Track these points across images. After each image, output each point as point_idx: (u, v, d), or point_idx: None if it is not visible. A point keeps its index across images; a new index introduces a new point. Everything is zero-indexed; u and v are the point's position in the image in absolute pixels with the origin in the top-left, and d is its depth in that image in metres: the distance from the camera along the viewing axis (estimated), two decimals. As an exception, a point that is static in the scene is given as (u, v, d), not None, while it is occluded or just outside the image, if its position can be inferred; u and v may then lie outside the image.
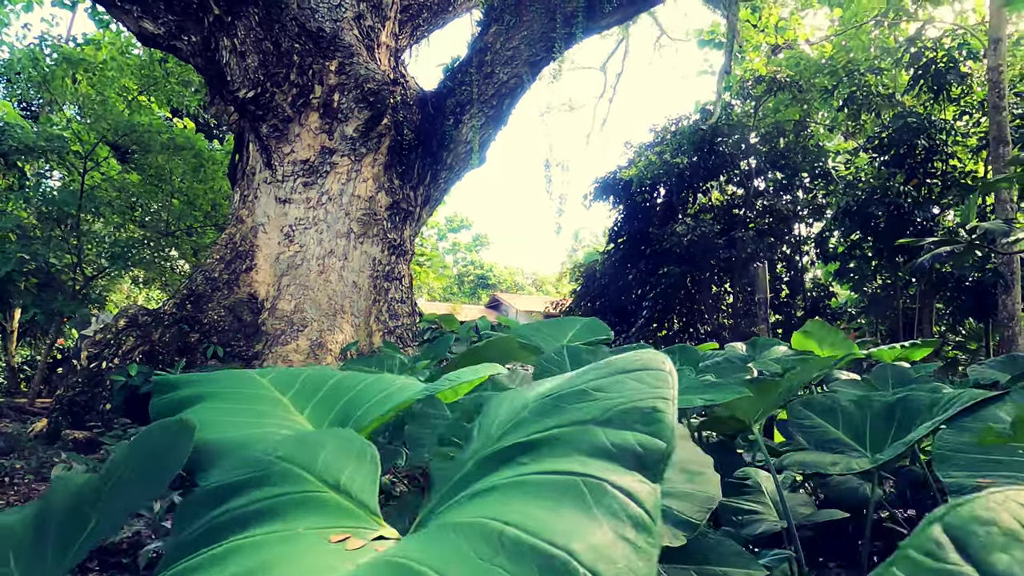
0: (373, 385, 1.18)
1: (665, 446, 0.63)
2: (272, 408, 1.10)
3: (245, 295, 8.36)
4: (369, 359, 3.58)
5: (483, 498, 0.66)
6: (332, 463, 0.82)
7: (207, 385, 1.21)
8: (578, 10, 8.35)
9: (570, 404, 0.75)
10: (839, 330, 5.19)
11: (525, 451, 0.72)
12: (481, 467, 0.75)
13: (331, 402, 1.14)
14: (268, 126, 8.10)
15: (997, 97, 11.40)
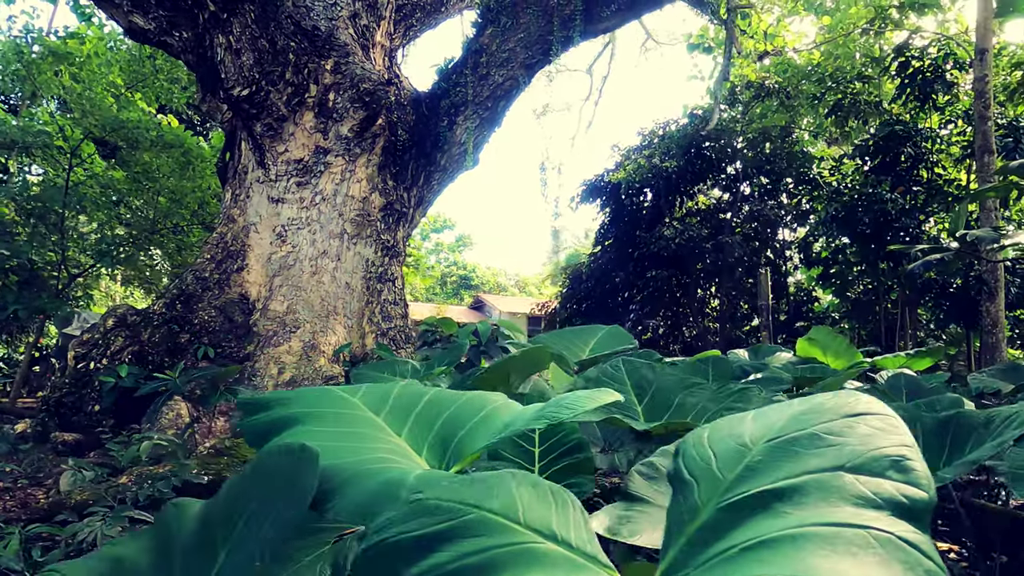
0: (469, 404, 1.14)
1: (928, 497, 0.61)
2: (371, 431, 1.05)
3: (236, 295, 8.26)
4: (380, 364, 3.53)
5: (758, 553, 0.63)
6: (534, 509, 0.78)
7: (297, 405, 1.16)
8: (576, 13, 8.34)
9: (806, 449, 0.73)
10: (843, 337, 5.23)
11: (779, 499, 0.69)
12: (727, 515, 0.72)
13: (428, 423, 1.09)
14: (262, 125, 8.01)
15: (983, 107, 11.57)
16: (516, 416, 1.06)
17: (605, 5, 8.21)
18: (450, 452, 1.03)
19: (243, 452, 4.81)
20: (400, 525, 0.75)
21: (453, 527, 0.74)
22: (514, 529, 0.75)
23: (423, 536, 0.73)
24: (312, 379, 7.58)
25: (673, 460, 0.88)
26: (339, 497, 0.85)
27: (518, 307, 35.82)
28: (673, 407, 1.60)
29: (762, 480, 0.73)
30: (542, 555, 0.73)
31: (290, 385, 7.52)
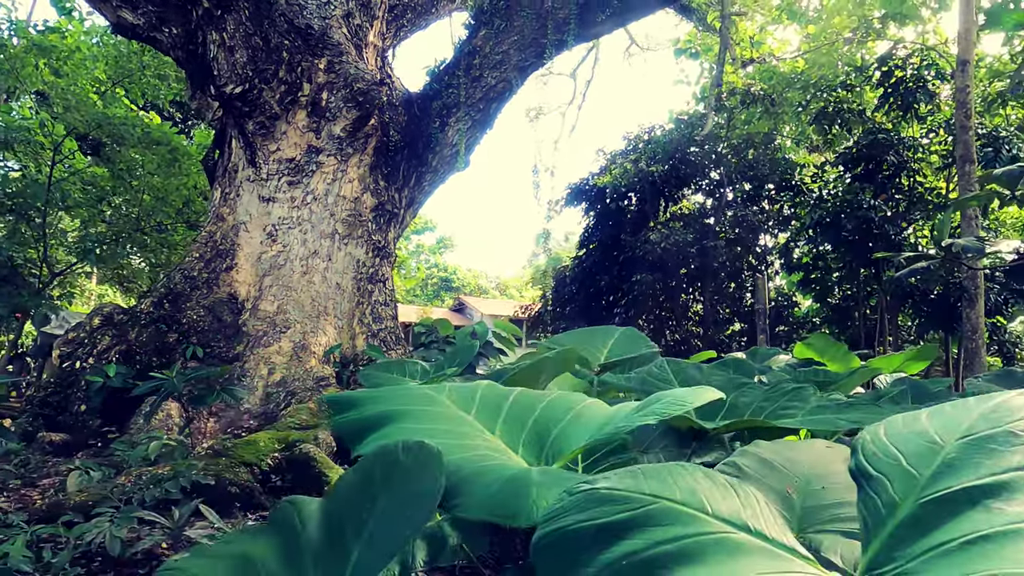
0: (557, 404, 1.13)
1: None
2: (466, 428, 1.04)
3: (225, 295, 8.17)
4: (389, 364, 3.51)
5: (981, 548, 0.64)
6: (719, 501, 0.78)
7: (388, 403, 1.14)
8: (570, 17, 8.37)
9: (1005, 447, 0.74)
10: (840, 343, 5.29)
11: (988, 495, 0.70)
12: (932, 511, 0.72)
13: (519, 421, 1.08)
14: (254, 123, 7.94)
15: (964, 117, 11.77)
16: (617, 414, 1.06)
17: (599, 10, 8.24)
18: (547, 449, 1.02)
19: (241, 453, 4.75)
20: (575, 515, 0.74)
21: (635, 516, 0.74)
22: (703, 519, 0.75)
23: (605, 525, 0.73)
24: (303, 380, 7.52)
25: (853, 456, 0.89)
26: (464, 495, 0.84)
27: (500, 310, 35.79)
28: (727, 406, 1.61)
29: (963, 476, 0.74)
30: (739, 545, 0.73)
31: (280, 386, 7.45)
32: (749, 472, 1.15)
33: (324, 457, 4.68)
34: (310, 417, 6.12)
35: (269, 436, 5.17)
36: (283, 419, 6.03)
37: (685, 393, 1.05)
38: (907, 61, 13.01)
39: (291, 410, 6.36)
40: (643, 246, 15.96)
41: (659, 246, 15.45)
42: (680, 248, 15.71)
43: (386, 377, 3.49)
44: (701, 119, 16.65)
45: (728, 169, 19.14)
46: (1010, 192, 7.49)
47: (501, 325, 6.29)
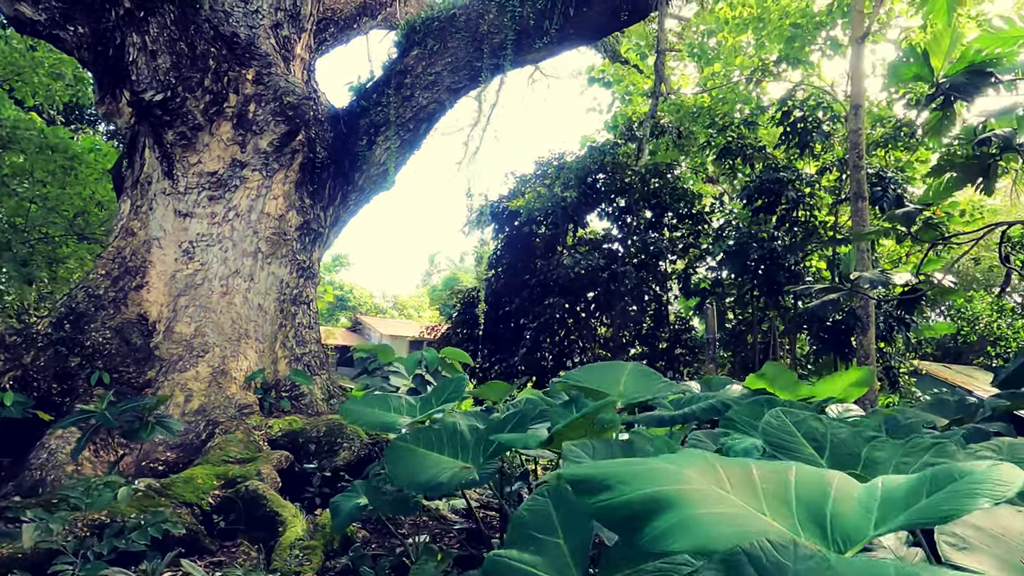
0: (810, 479, 1.04)
1: None
2: (741, 510, 0.94)
3: (134, 315, 7.58)
4: (372, 399, 3.32)
5: None
6: None
7: (645, 482, 1.01)
8: (506, 42, 8.39)
9: None
10: (790, 372, 5.47)
11: None
12: None
13: (779, 499, 0.99)
14: (175, 133, 7.45)
15: (857, 157, 12.67)
16: (899, 495, 0.98)
17: (537, 37, 8.31)
18: (830, 532, 0.94)
19: (179, 491, 4.38)
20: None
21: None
22: None
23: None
24: (224, 408, 7.04)
25: None
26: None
27: (400, 330, 35.17)
28: (863, 464, 1.58)
29: None
30: None
31: (199, 414, 6.95)
32: (976, 544, 1.12)
33: (274, 495, 4.38)
34: (243, 449, 5.73)
35: (206, 472, 4.80)
36: (212, 452, 5.61)
37: (1002, 474, 1.00)
38: (805, 103, 13.90)
39: (220, 441, 5.93)
40: (556, 270, 16.15)
41: (572, 270, 15.68)
42: (591, 273, 16.00)
43: (369, 412, 3.29)
44: (613, 147, 17.13)
45: (633, 196, 19.74)
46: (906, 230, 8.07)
47: (449, 352, 6.13)
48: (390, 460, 2.50)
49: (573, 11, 8.14)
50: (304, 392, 7.90)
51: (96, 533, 2.98)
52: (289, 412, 7.55)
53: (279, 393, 7.79)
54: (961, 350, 33.09)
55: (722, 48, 17.09)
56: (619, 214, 20.44)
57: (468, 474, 2.28)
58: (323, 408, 7.97)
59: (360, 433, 6.27)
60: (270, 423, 6.94)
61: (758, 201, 14.15)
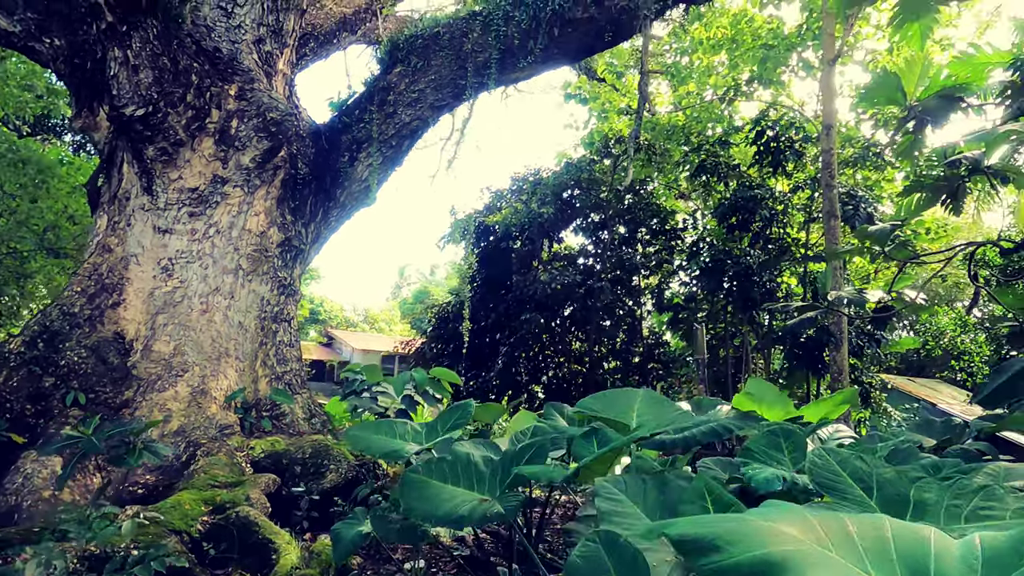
0: (909, 535, 1.03)
1: None
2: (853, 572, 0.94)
3: (111, 334, 7.40)
4: (379, 425, 3.28)
5: None
6: None
7: (755, 543, 0.99)
8: (491, 61, 8.42)
9: None
10: (774, 387, 5.54)
11: None
12: None
13: (881, 556, 0.98)
14: (156, 148, 7.33)
15: (829, 176, 12.94)
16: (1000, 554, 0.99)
17: (521, 57, 8.36)
18: None
19: (167, 518, 4.27)
20: None
21: None
22: None
23: None
24: (204, 428, 6.90)
25: None
26: None
27: (372, 344, 34.85)
28: (912, 506, 1.58)
29: None
30: None
31: (179, 435, 6.79)
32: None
33: (266, 521, 4.30)
34: (228, 472, 5.61)
35: (193, 497, 4.69)
36: (197, 476, 5.49)
37: None
38: (778, 123, 14.18)
39: (203, 464, 5.80)
40: (533, 285, 16.19)
41: (549, 286, 15.73)
42: (568, 288, 16.07)
43: (376, 439, 3.25)
44: (589, 163, 17.26)
45: (607, 212, 19.91)
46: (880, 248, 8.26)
47: (439, 372, 6.08)
48: (405, 493, 2.47)
49: (558, 31, 8.20)
50: (285, 411, 7.78)
51: (88, 566, 2.89)
52: (270, 432, 7.43)
53: (260, 413, 7.66)
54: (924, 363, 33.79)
55: (696, 68, 17.37)
56: (594, 229, 20.60)
57: (490, 507, 2.26)
58: (304, 428, 7.85)
59: (347, 455, 6.19)
60: (252, 444, 6.81)
61: (732, 218, 14.36)
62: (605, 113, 17.68)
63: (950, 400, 27.40)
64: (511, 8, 8.35)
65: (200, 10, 7.87)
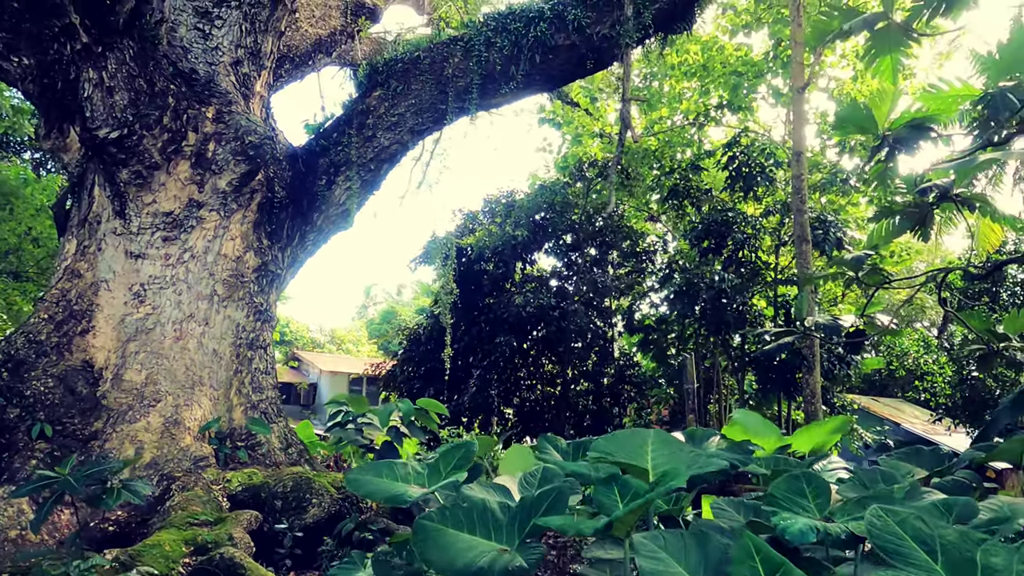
0: None
1: None
2: None
3: (79, 362, 7.14)
4: (379, 467, 3.17)
5: None
6: None
7: None
8: (472, 86, 8.40)
9: None
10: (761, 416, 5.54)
11: None
12: None
13: None
14: (130, 171, 7.13)
15: (800, 201, 13.16)
16: None
17: (503, 83, 8.36)
18: None
19: (148, 560, 4.10)
20: None
21: None
22: None
23: None
24: (178, 461, 6.67)
25: None
26: None
27: (340, 366, 34.36)
28: (981, 571, 1.53)
29: None
30: None
31: (151, 468, 6.55)
32: None
33: (252, 563, 4.14)
34: (206, 508, 5.42)
35: (173, 537, 4.51)
36: (175, 513, 5.28)
37: None
38: (749, 148, 14.42)
39: (180, 500, 5.59)
40: (508, 308, 16.13)
41: (524, 309, 15.69)
42: (542, 311, 16.04)
43: (378, 483, 3.14)
44: (563, 187, 17.34)
45: (579, 234, 19.99)
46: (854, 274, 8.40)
47: (426, 403, 5.97)
48: (420, 541, 2.37)
49: (539, 58, 8.23)
50: (261, 441, 7.57)
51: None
52: (246, 463, 7.22)
53: (235, 443, 7.44)
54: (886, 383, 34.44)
55: (667, 93, 17.64)
56: (566, 251, 20.66)
57: (511, 559, 2.18)
58: (281, 458, 7.64)
59: (328, 487, 6.02)
60: (228, 476, 6.60)
61: (705, 242, 14.52)
62: (579, 137, 17.83)
63: (912, 419, 27.93)
64: (493, 34, 8.36)
65: (177, 31, 7.72)
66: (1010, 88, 6.75)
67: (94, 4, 6.36)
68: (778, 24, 14.92)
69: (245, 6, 8.17)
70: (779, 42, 16.00)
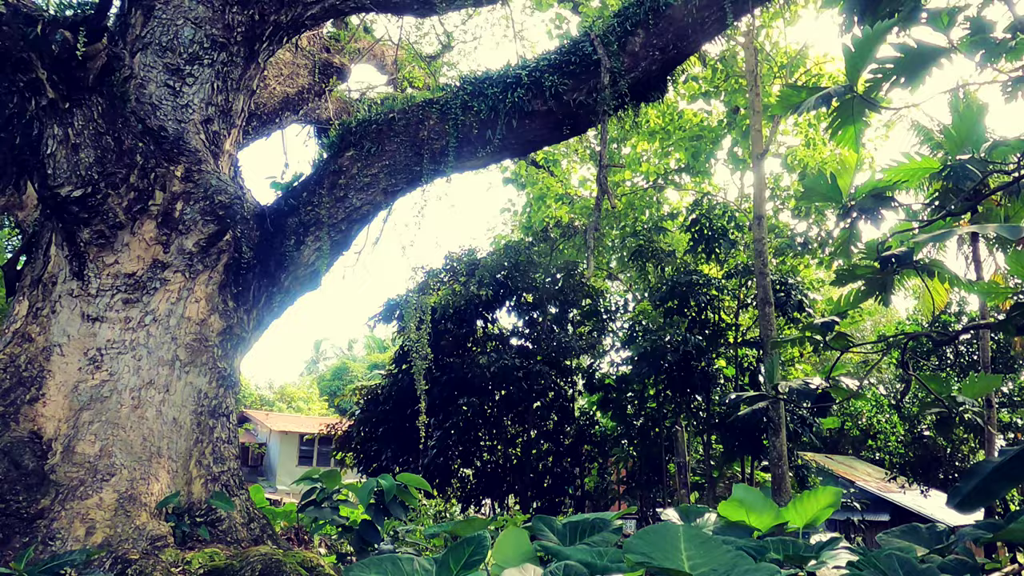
0: None
1: None
2: None
3: (26, 433, 6.65)
4: (382, 561, 2.92)
5: None
6: None
7: None
8: (448, 148, 8.36)
9: None
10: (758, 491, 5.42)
11: None
12: None
13: None
14: (92, 231, 6.81)
15: (762, 264, 13.42)
16: None
17: (480, 146, 8.34)
18: None
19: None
20: None
21: None
22: None
23: None
24: (134, 541, 6.20)
25: None
26: None
27: (291, 425, 33.19)
28: None
29: None
30: None
31: (102, 548, 6.06)
32: None
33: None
34: (169, 598, 5.00)
35: (136, 636, 4.10)
36: (134, 604, 4.85)
37: None
38: (711, 211, 14.72)
39: (139, 588, 5.15)
40: (471, 368, 15.89)
41: (488, 370, 15.47)
42: (506, 371, 15.85)
43: (382, 582, 2.89)
44: (528, 247, 17.38)
45: (540, 293, 20.00)
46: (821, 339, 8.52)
47: (406, 479, 5.69)
48: None
49: (516, 123, 8.25)
50: (222, 517, 7.11)
51: None
52: (207, 541, 6.75)
53: (195, 519, 6.97)
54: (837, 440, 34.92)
55: (627, 155, 18.01)
56: (527, 309, 20.63)
57: None
58: (243, 534, 7.18)
59: (300, 570, 5.65)
60: (188, 558, 6.15)
61: (669, 303, 14.65)
62: (543, 197, 18.01)
63: (866, 477, 28.30)
64: (469, 98, 8.38)
65: (146, 88, 7.50)
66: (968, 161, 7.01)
67: (64, 60, 6.14)
68: (735, 93, 15.46)
69: (217, 64, 8.03)
70: (736, 109, 16.54)
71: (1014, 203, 7.35)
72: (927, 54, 6.93)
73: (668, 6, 7.95)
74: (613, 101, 7.88)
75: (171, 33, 7.73)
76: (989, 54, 6.26)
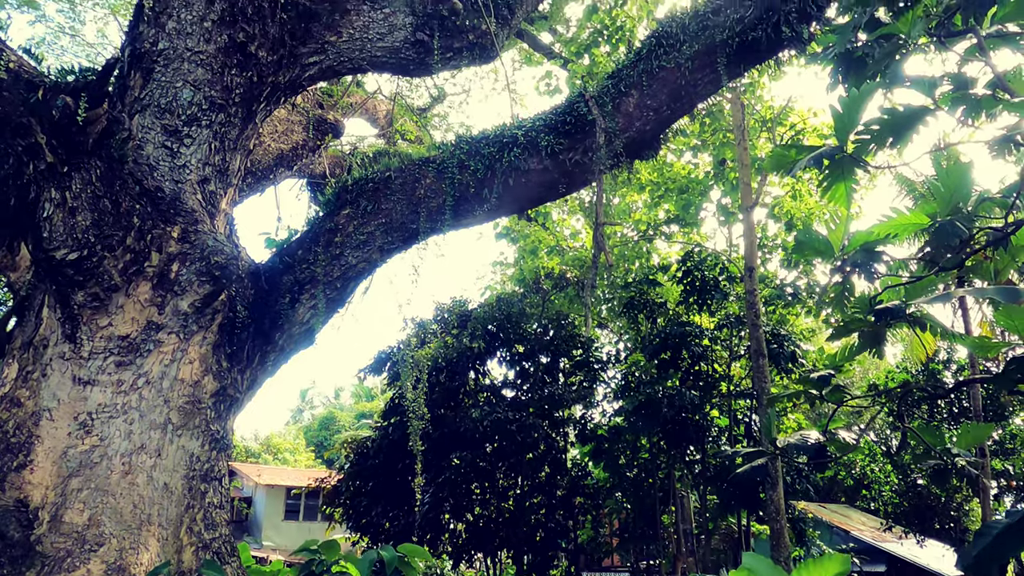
0: None
1: None
2: None
3: (12, 502, 6.46)
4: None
5: None
6: None
7: None
8: (445, 207, 8.40)
9: None
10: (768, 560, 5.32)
11: None
12: None
13: None
14: (86, 294, 6.73)
15: (755, 316, 13.47)
16: None
17: (477, 204, 8.39)
18: None
19: None
20: None
21: None
22: None
23: None
24: (122, 615, 5.98)
25: None
26: None
27: (279, 478, 32.47)
28: None
29: None
30: None
31: (90, 626, 5.84)
32: None
33: None
34: None
35: None
36: None
37: None
38: (703, 263, 14.84)
39: (129, 671, 4.94)
40: (464, 422, 15.71)
41: (481, 423, 15.30)
42: (499, 424, 15.69)
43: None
44: (521, 298, 17.39)
45: (531, 344, 19.94)
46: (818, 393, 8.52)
47: (408, 549, 5.55)
48: None
49: (512, 182, 8.32)
50: (213, 587, 6.89)
51: None
52: (198, 614, 6.53)
53: (183, 589, 6.76)
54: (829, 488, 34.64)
55: (617, 206, 18.22)
56: (518, 360, 20.53)
57: None
58: (234, 605, 6.96)
59: (296, 646, 5.45)
60: (178, 633, 5.94)
61: (663, 354, 14.63)
62: (535, 250, 18.11)
63: (860, 526, 28.01)
64: (466, 157, 8.46)
65: (143, 148, 7.51)
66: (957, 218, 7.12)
67: (64, 125, 6.15)
68: (723, 147, 15.74)
69: (215, 125, 8.07)
70: (723, 161, 16.81)
71: (1002, 255, 7.46)
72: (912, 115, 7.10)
73: (662, 68, 8.11)
74: (608, 160, 7.98)
75: (170, 95, 7.77)
76: (970, 110, 6.42)
